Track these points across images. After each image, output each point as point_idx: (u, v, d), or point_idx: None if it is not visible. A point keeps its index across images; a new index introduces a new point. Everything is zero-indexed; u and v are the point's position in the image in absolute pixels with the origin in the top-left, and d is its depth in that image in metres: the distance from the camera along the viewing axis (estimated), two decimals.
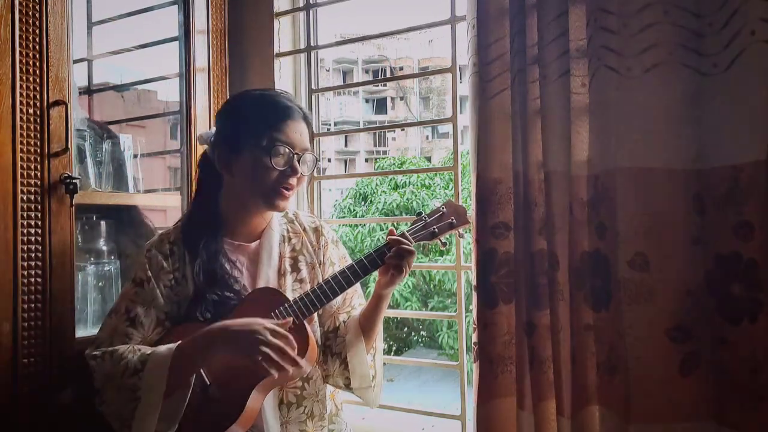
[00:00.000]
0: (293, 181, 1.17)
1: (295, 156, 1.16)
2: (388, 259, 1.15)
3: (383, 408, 1.78)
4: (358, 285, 1.24)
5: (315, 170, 1.27)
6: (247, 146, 1.15)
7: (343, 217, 8.82)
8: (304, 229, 1.28)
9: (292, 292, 1.20)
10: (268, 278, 1.20)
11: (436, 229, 1.20)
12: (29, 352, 1.21)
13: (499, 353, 1.24)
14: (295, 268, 1.23)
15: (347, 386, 1.24)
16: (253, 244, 1.23)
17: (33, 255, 1.22)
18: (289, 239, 1.26)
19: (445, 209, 1.22)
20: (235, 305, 1.14)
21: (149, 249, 1.19)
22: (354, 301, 1.29)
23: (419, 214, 1.23)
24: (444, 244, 1.24)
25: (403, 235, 1.19)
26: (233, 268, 1.18)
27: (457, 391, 1.57)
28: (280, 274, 1.21)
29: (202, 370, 1.09)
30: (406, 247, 1.15)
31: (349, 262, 1.28)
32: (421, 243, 1.23)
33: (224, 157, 1.19)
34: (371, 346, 1.24)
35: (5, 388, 1.18)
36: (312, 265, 1.25)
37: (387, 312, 2.59)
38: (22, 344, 1.20)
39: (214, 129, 1.25)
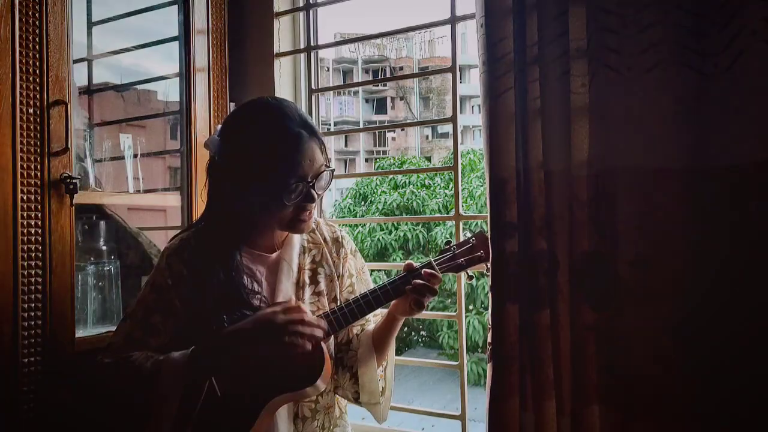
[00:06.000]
0: (311, 205, 1.12)
1: (309, 185, 1.09)
2: (410, 290, 1.13)
3: None
4: None
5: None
6: (258, 183, 1.09)
7: (343, 217, 8.82)
8: (325, 240, 1.25)
9: (309, 304, 1.18)
10: (287, 290, 1.17)
11: (464, 262, 1.18)
12: (29, 352, 1.21)
13: (508, 353, 1.23)
14: (314, 280, 1.21)
15: (356, 400, 1.24)
16: (274, 255, 1.20)
17: (33, 255, 1.22)
18: (309, 250, 1.23)
19: (474, 241, 1.19)
20: None
21: (170, 254, 1.15)
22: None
23: (448, 242, 1.20)
24: (471, 277, 1.23)
25: (429, 265, 1.17)
26: (252, 281, 1.15)
27: (457, 391, 1.57)
28: (299, 286, 1.19)
29: (214, 382, 1.07)
30: (431, 287, 1.14)
31: (367, 276, 1.28)
32: (421, 243, 1.23)
33: (236, 187, 1.11)
34: (382, 359, 1.24)
35: (5, 388, 1.18)
36: (331, 277, 1.23)
37: None
38: (22, 344, 1.20)
39: (218, 137, 1.15)
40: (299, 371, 1.08)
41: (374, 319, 1.28)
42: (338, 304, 1.18)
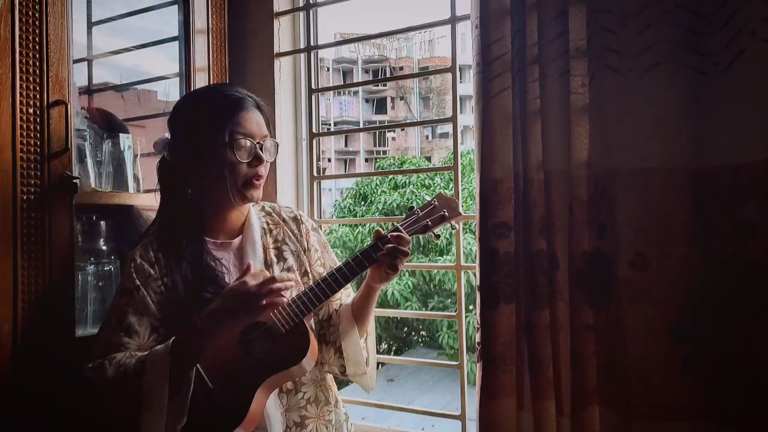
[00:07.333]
0: (261, 169, 1.18)
1: (257, 145, 1.17)
2: (382, 257, 1.16)
3: (384, 408, 1.79)
4: None
5: (277, 155, 1.26)
6: (209, 148, 1.15)
7: (343, 217, 8.83)
8: (284, 220, 1.30)
9: None
10: None
11: (429, 222, 1.21)
12: (29, 352, 1.21)
13: (501, 353, 1.24)
14: (281, 257, 1.25)
15: (342, 373, 1.27)
16: (236, 241, 1.24)
17: (33, 255, 1.22)
18: (270, 231, 1.28)
19: (436, 202, 1.23)
20: None
21: (134, 258, 1.18)
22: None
23: (411, 208, 1.24)
24: (437, 236, 1.26)
25: (396, 229, 1.20)
26: (220, 266, 1.19)
27: (457, 391, 1.57)
28: (267, 265, 1.23)
29: (203, 374, 1.08)
30: (402, 248, 1.16)
31: (330, 252, 1.32)
32: (421, 242, 1.24)
33: (189, 165, 1.19)
34: (364, 331, 1.27)
35: (5, 387, 1.18)
36: (297, 253, 1.27)
37: (387, 312, 2.58)
38: (22, 344, 1.20)
39: (168, 135, 1.23)
40: (286, 350, 1.11)
41: (347, 292, 1.31)
42: (311, 278, 1.24)
